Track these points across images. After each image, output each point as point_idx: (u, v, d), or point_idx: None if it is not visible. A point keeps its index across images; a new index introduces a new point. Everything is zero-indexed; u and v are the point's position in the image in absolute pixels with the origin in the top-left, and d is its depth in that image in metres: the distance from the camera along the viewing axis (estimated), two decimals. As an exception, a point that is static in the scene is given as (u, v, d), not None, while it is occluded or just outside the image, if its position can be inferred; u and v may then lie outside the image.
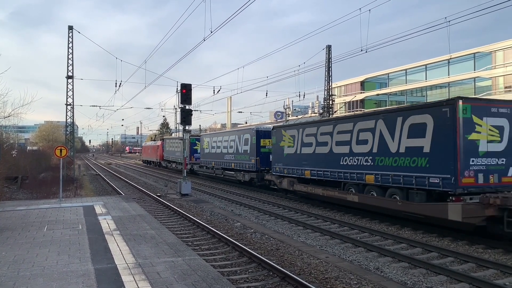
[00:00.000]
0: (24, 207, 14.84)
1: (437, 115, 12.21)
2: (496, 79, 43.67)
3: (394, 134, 13.83)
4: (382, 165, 14.28)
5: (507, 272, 8.73)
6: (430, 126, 12.42)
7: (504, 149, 12.23)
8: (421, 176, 12.61)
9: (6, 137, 33.47)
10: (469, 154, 11.70)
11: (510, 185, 12.19)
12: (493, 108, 12.27)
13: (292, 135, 20.14)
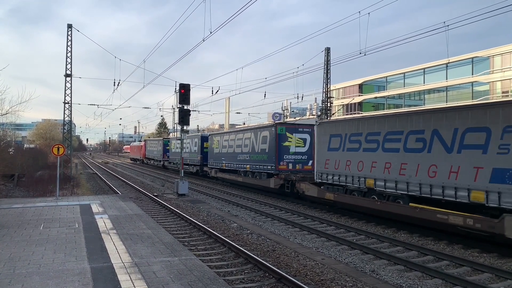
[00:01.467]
0: (21, 205, 14.81)
1: (271, 131, 22.75)
2: (494, 83, 43.87)
3: (256, 142, 24.56)
4: (251, 159, 25.05)
5: (502, 276, 8.77)
6: (268, 137, 23.09)
7: (306, 151, 22.58)
8: (264, 165, 23.33)
9: (3, 135, 33.34)
10: (283, 153, 22.23)
11: (309, 170, 21.46)
12: (300, 128, 22.95)
13: (217, 140, 30.56)
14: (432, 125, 12.58)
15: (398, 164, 13.73)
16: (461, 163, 11.58)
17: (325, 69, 41.20)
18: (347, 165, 16.31)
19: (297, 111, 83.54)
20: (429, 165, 12.53)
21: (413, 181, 13.08)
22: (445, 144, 12.13)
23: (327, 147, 17.74)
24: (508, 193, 10.28)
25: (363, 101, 61.04)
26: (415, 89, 53.60)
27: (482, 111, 11.26)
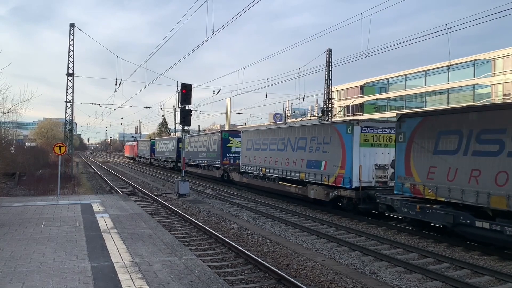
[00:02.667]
0: (22, 203, 14.84)
1: (219, 136, 30.53)
2: (495, 86, 43.83)
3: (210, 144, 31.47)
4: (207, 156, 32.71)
5: (502, 279, 8.77)
6: (217, 140, 30.87)
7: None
8: (214, 161, 31.34)
9: (5, 133, 33.41)
10: (226, 152, 29.93)
11: None
12: (238, 134, 29.47)
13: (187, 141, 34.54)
14: (288, 134, 21.09)
15: (274, 158, 22.23)
16: (297, 158, 19.96)
17: (327, 70, 41.22)
18: (254, 160, 24.71)
19: (298, 112, 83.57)
20: (286, 158, 21.05)
21: (280, 169, 21.51)
22: (292, 146, 20.60)
23: (246, 148, 26.22)
24: (311, 173, 18.59)
25: (365, 102, 61.03)
26: (417, 91, 53.56)
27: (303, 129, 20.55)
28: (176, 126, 65.50)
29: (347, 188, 16.04)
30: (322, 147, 17.98)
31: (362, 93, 61.56)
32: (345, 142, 16.50)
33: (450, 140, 11.78)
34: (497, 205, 10.21)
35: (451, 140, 11.74)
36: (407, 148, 13.26)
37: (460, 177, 11.34)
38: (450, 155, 11.73)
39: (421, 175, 12.68)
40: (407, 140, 13.28)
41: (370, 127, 16.52)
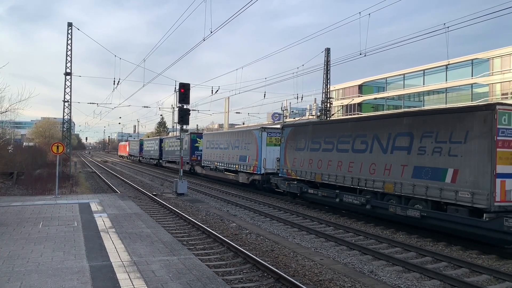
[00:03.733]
0: (20, 203, 14.81)
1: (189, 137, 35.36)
2: (493, 85, 43.92)
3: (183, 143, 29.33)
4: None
5: (500, 278, 8.79)
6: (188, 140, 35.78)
7: None
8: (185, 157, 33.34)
9: (3, 133, 33.35)
10: (194, 150, 35.97)
11: None
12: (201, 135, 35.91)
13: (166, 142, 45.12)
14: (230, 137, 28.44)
15: (222, 155, 29.09)
16: (234, 154, 26.66)
17: (325, 69, 41.23)
18: (210, 156, 31.62)
19: (296, 111, 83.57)
20: (228, 154, 28.06)
21: (225, 162, 28.34)
22: (232, 146, 27.56)
23: (205, 147, 33.12)
24: (241, 165, 25.17)
25: (363, 102, 61.08)
26: (415, 91, 53.63)
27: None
28: (174, 126, 65.58)
29: (258, 174, 23.82)
30: (247, 146, 25.37)
31: (360, 93, 61.61)
32: (258, 143, 23.93)
33: (301, 142, 19.29)
34: (319, 180, 17.56)
35: (302, 142, 19.25)
36: (284, 147, 20.73)
37: (305, 164, 18.78)
38: (301, 151, 19.18)
39: (290, 164, 20.15)
40: (284, 142, 20.81)
41: (273, 132, 24.22)
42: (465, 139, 11.33)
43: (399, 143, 13.52)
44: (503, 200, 10.61)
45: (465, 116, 11.55)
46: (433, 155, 12.27)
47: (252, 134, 24.89)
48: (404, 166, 13.26)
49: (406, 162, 13.18)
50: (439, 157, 12.07)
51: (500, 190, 10.62)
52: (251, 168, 24.32)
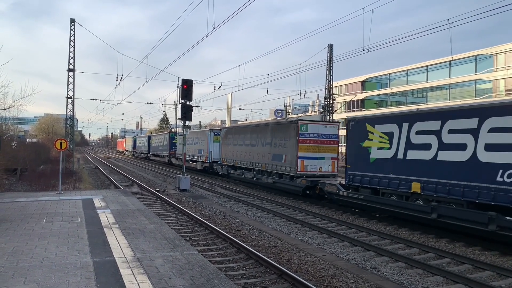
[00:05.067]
0: (23, 199, 14.87)
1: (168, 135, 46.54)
2: (497, 82, 43.71)
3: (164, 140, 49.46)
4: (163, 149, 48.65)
5: (503, 274, 8.79)
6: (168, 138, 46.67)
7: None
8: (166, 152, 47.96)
9: (6, 129, 33.47)
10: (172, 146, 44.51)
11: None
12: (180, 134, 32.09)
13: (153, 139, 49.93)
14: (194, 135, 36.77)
15: (191, 149, 35.68)
16: (196, 148, 34.92)
17: (328, 65, 41.12)
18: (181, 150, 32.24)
19: (299, 107, 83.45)
20: (193, 148, 36.17)
21: (191, 154, 36.09)
22: (195, 142, 36.49)
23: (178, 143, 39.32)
24: (199, 156, 35.10)
25: (366, 98, 60.92)
26: (418, 87, 53.45)
27: None
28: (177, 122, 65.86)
29: (208, 162, 32.88)
30: (202, 143, 34.01)
31: (363, 89, 61.44)
32: (208, 140, 32.82)
33: (229, 139, 28.39)
34: (237, 164, 26.55)
35: (229, 139, 28.34)
36: (221, 143, 29.97)
37: (231, 155, 27.85)
38: (229, 145, 28.42)
39: (224, 155, 29.38)
40: (221, 139, 29.95)
41: (218, 132, 32.22)
42: (289, 139, 20.53)
43: (266, 140, 23.08)
44: (302, 171, 19.67)
45: (289, 126, 20.95)
46: (279, 147, 21.65)
47: (205, 133, 34.22)
48: (269, 154, 22.62)
49: (269, 152, 22.63)
50: (281, 148, 21.43)
51: (300, 165, 19.68)
52: (204, 158, 34.00)
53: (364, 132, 15.34)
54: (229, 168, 28.03)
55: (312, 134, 20.10)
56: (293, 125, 20.39)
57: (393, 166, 13.95)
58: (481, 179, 10.86)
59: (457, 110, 12.11)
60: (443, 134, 12.17)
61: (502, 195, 10.22)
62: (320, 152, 20.09)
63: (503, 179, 10.25)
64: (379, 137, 14.70)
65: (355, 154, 15.94)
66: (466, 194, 11.28)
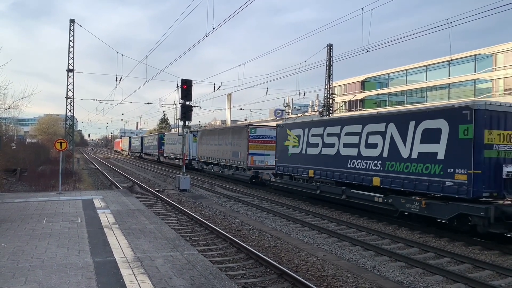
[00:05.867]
0: (23, 199, 14.87)
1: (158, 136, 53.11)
2: (497, 81, 43.73)
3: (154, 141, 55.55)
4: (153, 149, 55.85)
5: (503, 274, 8.80)
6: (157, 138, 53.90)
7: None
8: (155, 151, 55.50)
9: (6, 129, 33.45)
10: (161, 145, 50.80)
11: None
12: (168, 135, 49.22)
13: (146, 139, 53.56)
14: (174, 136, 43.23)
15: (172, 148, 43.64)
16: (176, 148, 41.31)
17: (328, 65, 41.14)
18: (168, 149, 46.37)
19: (299, 107, 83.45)
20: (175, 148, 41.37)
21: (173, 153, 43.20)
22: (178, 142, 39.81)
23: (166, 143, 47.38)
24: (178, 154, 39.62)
25: (365, 98, 60.93)
26: (418, 86, 53.45)
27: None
28: (176, 122, 66.12)
29: (188, 159, 36.57)
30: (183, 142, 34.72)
31: (362, 88, 61.44)
32: (188, 141, 36.56)
33: (203, 140, 34.75)
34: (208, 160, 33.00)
35: (204, 140, 34.73)
36: (198, 143, 35.68)
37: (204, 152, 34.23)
38: (203, 145, 34.68)
39: (200, 152, 35.53)
40: (198, 139, 35.76)
41: (195, 133, 37.87)
42: (243, 139, 25.97)
43: (228, 141, 28.84)
44: (252, 164, 25.17)
45: (242, 129, 26.67)
46: (236, 146, 27.15)
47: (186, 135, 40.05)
48: (230, 152, 28.21)
49: (230, 150, 28.20)
50: (237, 147, 26.89)
51: (250, 160, 25.18)
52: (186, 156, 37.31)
53: (285, 134, 20.96)
54: (203, 164, 35.00)
55: (260, 136, 25.62)
56: (245, 128, 26.12)
57: (300, 159, 19.47)
58: (340, 166, 16.48)
59: (331, 120, 18.88)
60: (324, 136, 17.79)
61: (350, 176, 15.87)
62: (266, 150, 25.51)
63: (351, 166, 15.87)
64: (293, 138, 20.32)
65: (280, 150, 21.57)
66: (334, 176, 16.86)
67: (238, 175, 26.98)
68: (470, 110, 11.28)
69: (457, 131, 11.61)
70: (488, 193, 11.20)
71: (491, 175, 11.25)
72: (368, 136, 15.17)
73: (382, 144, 14.42)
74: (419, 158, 12.82)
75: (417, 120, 13.08)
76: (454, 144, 11.68)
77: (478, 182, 11.06)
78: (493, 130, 11.34)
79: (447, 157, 11.84)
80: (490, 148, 11.23)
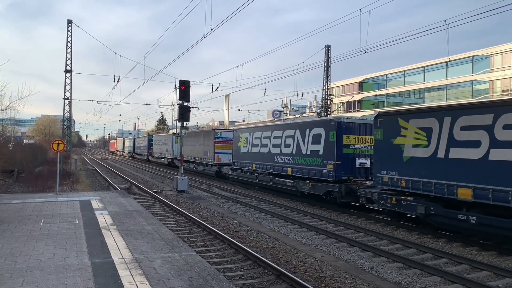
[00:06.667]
0: (21, 200, 14.83)
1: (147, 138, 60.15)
2: (494, 82, 43.87)
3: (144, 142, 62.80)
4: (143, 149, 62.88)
5: (500, 274, 8.82)
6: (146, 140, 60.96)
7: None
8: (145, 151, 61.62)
9: (3, 130, 33.33)
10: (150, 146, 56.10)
11: None
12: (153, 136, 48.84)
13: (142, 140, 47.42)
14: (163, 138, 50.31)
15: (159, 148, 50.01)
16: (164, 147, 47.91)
17: (325, 66, 41.19)
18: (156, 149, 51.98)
19: (297, 108, 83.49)
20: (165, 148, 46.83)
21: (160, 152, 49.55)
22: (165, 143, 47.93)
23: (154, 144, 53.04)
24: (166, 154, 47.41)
25: (363, 99, 61.01)
26: (415, 87, 53.55)
27: None
28: (174, 123, 66.21)
29: (171, 158, 42.72)
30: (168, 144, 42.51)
31: (360, 90, 61.53)
32: (172, 142, 41.11)
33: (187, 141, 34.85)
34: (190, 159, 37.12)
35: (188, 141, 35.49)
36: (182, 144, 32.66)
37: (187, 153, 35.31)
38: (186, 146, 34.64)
39: (185, 152, 32.02)
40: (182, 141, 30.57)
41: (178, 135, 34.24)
42: (211, 141, 30.91)
43: (200, 142, 33.69)
44: (218, 161, 30.40)
45: (210, 133, 31.84)
46: (206, 147, 32.13)
47: (169, 136, 44.04)
48: (202, 151, 33.17)
49: (202, 150, 33.13)
50: (207, 147, 31.91)
51: (216, 158, 30.50)
52: (169, 155, 44.42)
53: (238, 137, 26.69)
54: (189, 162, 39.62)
55: (224, 138, 30.71)
56: (212, 132, 31.68)
57: (247, 156, 25.17)
58: (270, 161, 21.99)
59: (265, 126, 24.11)
60: (262, 139, 23.25)
61: (275, 168, 21.43)
62: (229, 150, 29.43)
63: (276, 161, 21.34)
64: (243, 140, 25.85)
65: (235, 150, 27.42)
66: (267, 169, 22.40)
67: (207, 170, 32.87)
68: (335, 122, 16.76)
69: (329, 135, 17.02)
70: (346, 177, 16.61)
71: (348, 165, 16.65)
72: (286, 139, 20.58)
73: (293, 144, 19.87)
74: (311, 154, 18.31)
75: (310, 128, 18.53)
76: (327, 145, 17.15)
77: (339, 169, 16.56)
78: (350, 135, 16.70)
79: (324, 153, 17.36)
80: (348, 147, 16.60)
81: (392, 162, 13.42)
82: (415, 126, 12.69)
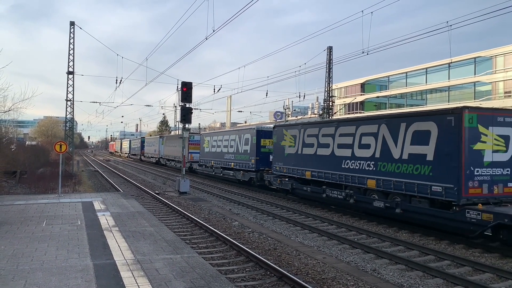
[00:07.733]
0: (23, 201, 14.86)
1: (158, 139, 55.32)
2: (496, 84, 43.80)
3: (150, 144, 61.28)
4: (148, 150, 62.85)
5: (503, 277, 8.78)
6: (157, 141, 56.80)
7: None
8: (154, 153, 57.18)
9: (6, 132, 33.44)
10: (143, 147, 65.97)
11: None
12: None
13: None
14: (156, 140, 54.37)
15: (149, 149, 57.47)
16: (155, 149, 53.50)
17: (327, 68, 41.19)
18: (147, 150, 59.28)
19: (298, 110, 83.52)
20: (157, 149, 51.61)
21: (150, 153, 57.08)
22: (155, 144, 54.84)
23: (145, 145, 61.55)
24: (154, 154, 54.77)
25: (365, 100, 60.99)
26: (417, 89, 53.53)
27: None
28: (176, 124, 66.47)
29: (158, 157, 50.49)
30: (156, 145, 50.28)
31: (362, 91, 61.51)
32: (159, 143, 49.37)
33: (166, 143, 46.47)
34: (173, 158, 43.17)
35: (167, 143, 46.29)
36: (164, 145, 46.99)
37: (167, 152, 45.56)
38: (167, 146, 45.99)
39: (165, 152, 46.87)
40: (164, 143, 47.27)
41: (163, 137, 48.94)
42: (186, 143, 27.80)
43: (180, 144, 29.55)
44: (191, 159, 37.61)
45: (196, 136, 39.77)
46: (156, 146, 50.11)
47: (157, 139, 51.45)
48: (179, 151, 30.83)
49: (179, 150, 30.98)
50: (158, 148, 50.13)
51: (190, 157, 37.02)
52: (156, 155, 51.15)
53: (203, 140, 34.08)
54: (166, 160, 46.63)
55: (196, 140, 37.69)
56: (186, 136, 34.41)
57: (209, 154, 32.22)
58: (221, 157, 29.32)
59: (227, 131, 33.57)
60: (214, 143, 31.11)
61: (224, 163, 28.85)
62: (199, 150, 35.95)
63: (225, 157, 28.61)
64: (207, 142, 33.02)
65: (201, 149, 34.52)
66: (220, 164, 29.37)
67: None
68: (255, 130, 24.30)
69: (253, 139, 24.15)
70: (264, 168, 23.82)
71: (265, 160, 23.72)
72: (230, 141, 28.10)
73: (234, 145, 27.59)
74: (243, 152, 25.72)
75: (244, 134, 26.03)
76: (252, 146, 24.39)
77: (258, 163, 23.98)
78: (265, 139, 23.96)
79: (250, 151, 24.65)
80: (264, 147, 23.93)
81: (280, 157, 20.68)
82: (289, 134, 19.92)
